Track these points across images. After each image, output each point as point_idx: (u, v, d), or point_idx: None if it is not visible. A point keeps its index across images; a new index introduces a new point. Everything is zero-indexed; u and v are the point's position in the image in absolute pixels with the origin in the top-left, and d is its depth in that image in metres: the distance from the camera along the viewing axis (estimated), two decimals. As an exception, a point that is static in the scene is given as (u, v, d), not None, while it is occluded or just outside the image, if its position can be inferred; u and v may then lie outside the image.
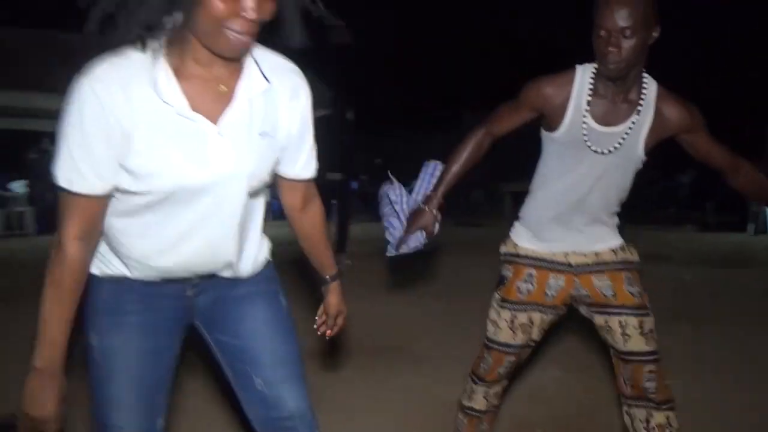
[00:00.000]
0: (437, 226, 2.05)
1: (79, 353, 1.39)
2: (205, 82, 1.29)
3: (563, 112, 1.93)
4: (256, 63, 1.35)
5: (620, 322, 2.00)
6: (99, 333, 1.41)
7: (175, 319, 1.48)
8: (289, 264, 2.03)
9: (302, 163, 1.52)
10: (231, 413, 2.68)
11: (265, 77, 1.35)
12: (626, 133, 1.90)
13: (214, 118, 1.30)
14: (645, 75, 1.92)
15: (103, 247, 1.42)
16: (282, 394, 1.49)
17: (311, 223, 1.64)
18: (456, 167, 2.08)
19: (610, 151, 1.92)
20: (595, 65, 1.88)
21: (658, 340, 2.02)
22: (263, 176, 1.42)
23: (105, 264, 1.43)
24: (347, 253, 7.30)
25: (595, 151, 1.93)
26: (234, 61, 1.29)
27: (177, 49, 1.26)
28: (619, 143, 1.91)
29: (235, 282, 1.51)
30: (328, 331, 1.72)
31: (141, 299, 1.43)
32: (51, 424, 1.30)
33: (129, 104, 1.22)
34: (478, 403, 2.23)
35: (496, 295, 2.13)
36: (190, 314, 1.51)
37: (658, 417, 1.99)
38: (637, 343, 1.99)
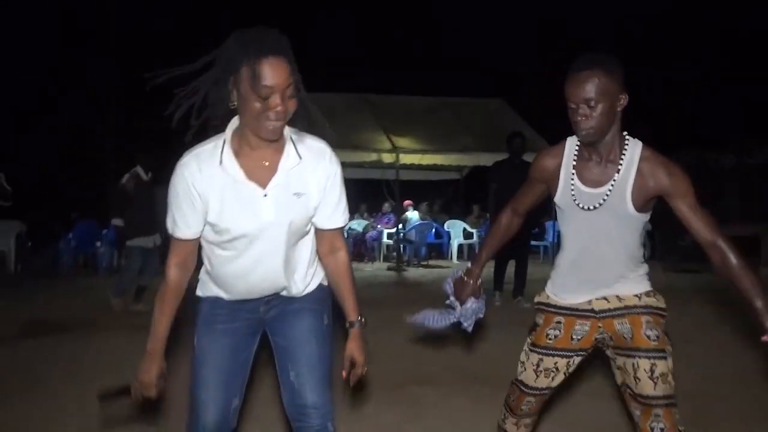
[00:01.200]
0: (482, 295, 2.38)
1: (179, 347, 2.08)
2: (256, 160, 1.87)
3: (557, 178, 2.18)
4: (293, 143, 1.90)
5: (633, 365, 2.09)
6: (198, 335, 2.00)
7: (250, 327, 2.04)
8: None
9: (326, 215, 1.99)
10: None
11: (298, 154, 1.89)
12: (608, 192, 2.07)
13: (263, 184, 1.87)
14: (627, 137, 2.11)
15: (204, 276, 2.06)
16: (305, 386, 1.96)
17: (334, 268, 2.06)
18: (491, 246, 2.42)
19: (595, 207, 2.09)
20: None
21: (675, 386, 2.07)
22: (299, 225, 1.95)
23: (205, 288, 2.06)
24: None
25: (583, 209, 2.11)
26: (274, 142, 1.85)
27: (236, 136, 1.87)
28: (603, 200, 2.08)
29: (292, 299, 2.04)
30: (350, 376, 2.04)
31: (227, 313, 2.01)
32: (152, 389, 1.94)
33: (204, 179, 1.84)
34: (510, 428, 2.40)
35: (528, 340, 2.31)
36: (262, 324, 2.07)
37: None
38: (646, 387, 2.06)
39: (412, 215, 13.83)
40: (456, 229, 14.12)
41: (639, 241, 2.19)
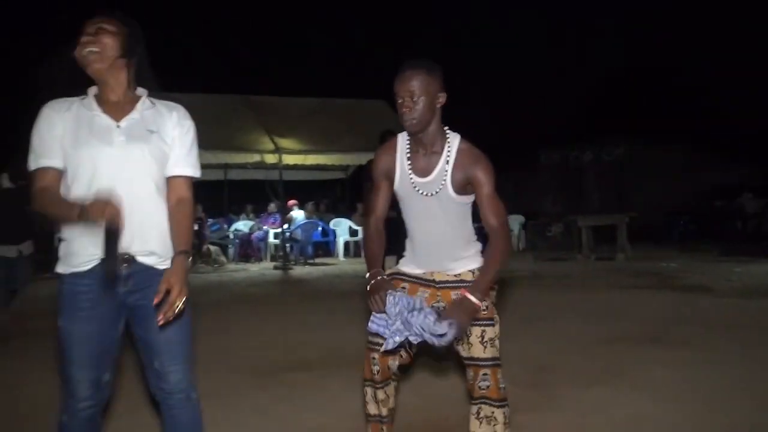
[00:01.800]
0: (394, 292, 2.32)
1: None
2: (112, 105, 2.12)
3: (395, 170, 2.49)
4: (149, 99, 2.16)
5: (467, 331, 2.34)
6: (63, 318, 2.07)
7: (113, 312, 2.13)
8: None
9: (176, 162, 2.16)
10: None
11: (152, 102, 2.16)
12: (438, 181, 2.40)
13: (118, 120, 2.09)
14: (448, 132, 2.46)
15: (61, 247, 2.10)
16: (170, 374, 2.11)
17: (176, 212, 2.13)
18: (374, 250, 2.50)
19: (433, 194, 2.41)
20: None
21: (500, 349, 2.39)
22: (154, 161, 2.12)
23: (64, 261, 2.10)
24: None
25: (420, 192, 2.43)
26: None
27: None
28: (437, 190, 2.41)
29: (149, 284, 2.11)
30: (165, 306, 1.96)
31: (90, 297, 2.08)
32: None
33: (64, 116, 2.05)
34: (370, 408, 2.52)
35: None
36: (124, 309, 2.15)
37: (486, 409, 2.37)
38: (477, 350, 2.37)
39: (297, 215, 14.01)
40: (342, 227, 14.45)
41: (469, 222, 2.51)
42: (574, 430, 3.22)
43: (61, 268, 2.09)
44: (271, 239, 14.08)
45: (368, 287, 2.39)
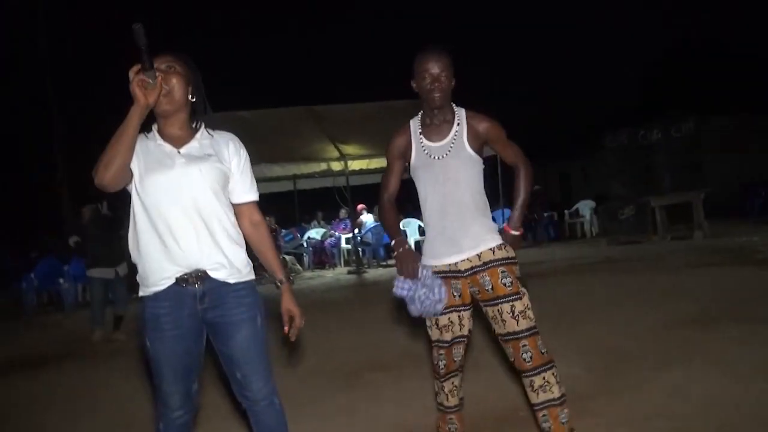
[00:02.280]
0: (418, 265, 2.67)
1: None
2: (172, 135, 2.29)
3: (410, 147, 2.74)
4: (206, 130, 2.34)
5: (498, 310, 2.58)
6: (149, 339, 2.24)
7: (193, 329, 2.28)
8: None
9: (242, 190, 2.33)
10: None
11: (210, 133, 2.33)
12: (452, 141, 2.65)
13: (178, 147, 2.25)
14: (454, 105, 2.74)
15: (139, 270, 2.27)
16: (252, 383, 2.27)
17: (257, 239, 2.36)
18: (393, 221, 2.86)
19: (446, 155, 2.65)
20: (420, 115, 2.75)
21: (532, 318, 2.57)
22: (212, 182, 2.25)
23: (142, 284, 2.26)
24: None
25: (436, 158, 2.66)
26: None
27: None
28: (450, 148, 2.65)
29: (223, 301, 2.28)
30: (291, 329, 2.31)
31: (171, 317, 2.24)
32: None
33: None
34: (441, 399, 2.78)
35: None
36: (203, 325, 2.32)
37: (537, 380, 2.57)
38: (511, 325, 2.57)
39: (367, 219, 14.27)
40: (411, 227, 14.58)
41: (482, 190, 2.72)
42: (653, 413, 3.24)
43: (141, 291, 2.24)
44: (343, 245, 14.39)
45: (395, 254, 2.71)
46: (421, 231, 14.57)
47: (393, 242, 2.76)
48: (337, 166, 12.64)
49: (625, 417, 3.21)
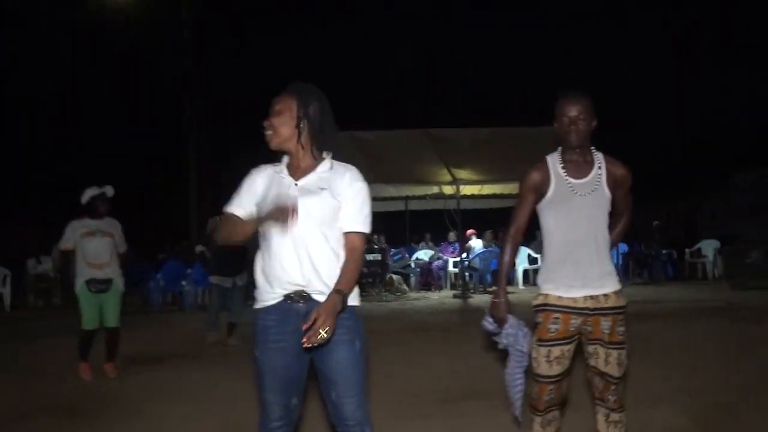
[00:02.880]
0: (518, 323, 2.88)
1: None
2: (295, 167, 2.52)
3: (548, 182, 2.84)
4: (330, 162, 2.52)
5: (606, 353, 2.77)
6: (257, 348, 2.45)
7: (297, 345, 2.32)
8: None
9: (350, 218, 2.45)
10: None
11: (331, 166, 2.50)
12: (595, 181, 2.81)
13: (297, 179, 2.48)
14: (593, 149, 2.89)
15: (258, 278, 2.50)
16: (345, 406, 2.37)
17: (349, 256, 2.45)
18: (509, 263, 2.96)
19: (589, 193, 2.79)
20: (559, 152, 2.88)
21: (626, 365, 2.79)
22: (321, 214, 2.44)
23: (259, 294, 2.50)
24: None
25: (581, 195, 2.79)
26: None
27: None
28: (593, 188, 2.79)
29: None
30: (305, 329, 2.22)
31: (277, 330, 2.43)
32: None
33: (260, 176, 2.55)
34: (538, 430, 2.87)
35: (534, 337, 2.84)
36: None
37: (614, 415, 2.81)
38: (614, 370, 2.77)
39: (476, 244, 14.24)
40: (521, 256, 14.40)
41: (607, 229, 2.86)
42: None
43: (256, 304, 2.48)
44: (450, 268, 14.43)
45: (494, 299, 2.91)
46: (530, 260, 14.45)
47: (497, 287, 2.95)
48: (449, 189, 12.75)
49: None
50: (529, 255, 14.25)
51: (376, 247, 13.84)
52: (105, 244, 5.73)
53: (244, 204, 2.50)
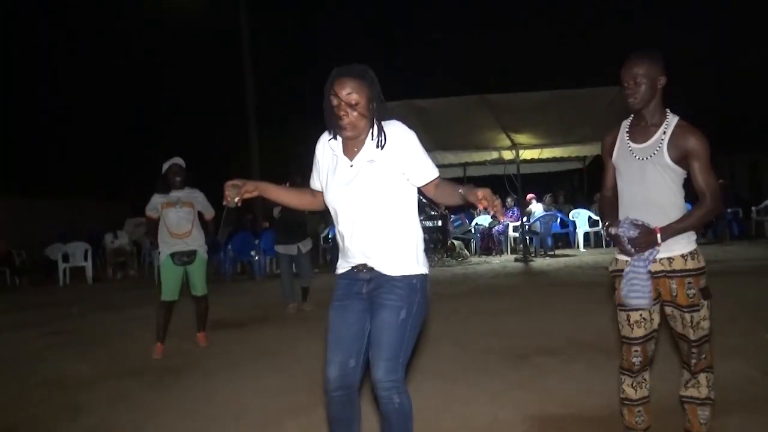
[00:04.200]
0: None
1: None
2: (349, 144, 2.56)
3: (614, 145, 2.92)
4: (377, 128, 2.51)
5: (680, 315, 2.76)
6: (329, 310, 2.59)
7: (360, 304, 2.56)
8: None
9: (419, 173, 2.54)
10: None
11: (381, 134, 2.49)
12: (655, 146, 2.74)
13: (351, 158, 2.54)
14: (668, 111, 2.79)
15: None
16: (377, 364, 2.41)
17: (441, 190, 2.57)
18: (607, 210, 2.99)
19: (647, 158, 2.75)
20: (632, 116, 2.86)
21: (706, 328, 2.74)
22: (377, 187, 2.52)
23: (337, 264, 2.67)
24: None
25: (638, 159, 2.78)
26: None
27: None
28: (652, 153, 2.74)
29: (382, 286, 2.54)
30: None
31: (343, 291, 2.61)
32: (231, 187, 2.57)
33: (322, 150, 2.65)
34: (628, 393, 2.89)
35: (616, 302, 2.88)
36: (369, 304, 2.56)
37: (695, 379, 2.80)
38: (687, 332, 2.76)
39: (536, 208, 14.28)
40: (581, 218, 14.39)
41: (680, 196, 2.77)
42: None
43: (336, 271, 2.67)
44: (510, 232, 14.54)
45: (606, 233, 2.88)
46: (591, 222, 14.43)
47: (607, 223, 2.88)
48: (508, 155, 12.79)
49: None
50: (590, 217, 14.23)
51: (434, 213, 14.06)
52: (185, 214, 5.75)
53: (317, 181, 2.70)
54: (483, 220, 15.17)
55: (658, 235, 2.67)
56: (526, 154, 12.85)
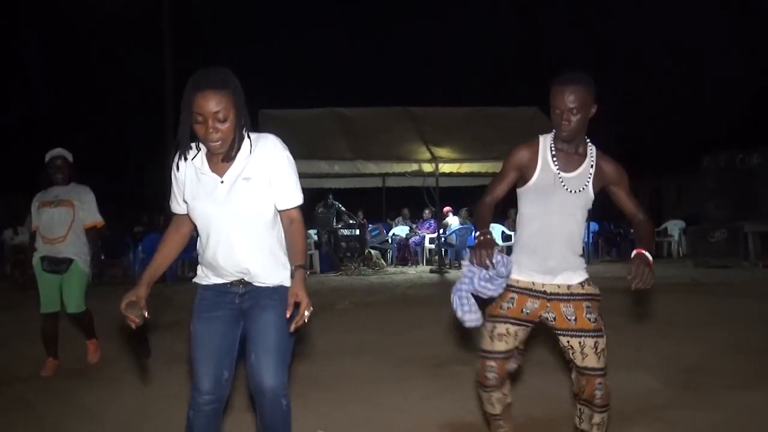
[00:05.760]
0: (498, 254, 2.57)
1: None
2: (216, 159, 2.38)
3: (534, 166, 2.68)
4: (249, 140, 2.38)
5: (580, 343, 2.60)
6: (192, 322, 2.47)
7: (231, 316, 2.48)
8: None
9: (282, 196, 2.41)
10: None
11: (250, 148, 2.37)
12: (584, 178, 2.63)
13: (221, 175, 2.37)
14: (588, 140, 2.68)
15: (199, 264, 2.53)
16: (261, 368, 2.33)
17: (288, 231, 2.44)
18: (485, 216, 2.74)
19: (577, 191, 2.63)
20: (553, 135, 2.68)
21: (608, 358, 2.63)
22: (250, 206, 2.39)
23: (198, 274, 2.55)
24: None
25: (566, 189, 2.62)
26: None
27: None
28: (583, 185, 2.63)
29: (261, 294, 2.47)
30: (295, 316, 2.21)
31: (210, 303, 2.50)
32: (125, 307, 2.32)
33: (183, 171, 2.41)
34: (489, 407, 2.82)
35: (486, 312, 2.73)
36: (241, 315, 2.49)
37: (597, 417, 2.64)
38: (592, 361, 2.58)
39: (453, 221, 14.56)
40: (495, 233, 14.77)
41: (583, 228, 2.72)
42: (722, 427, 3.44)
43: (196, 279, 2.55)
44: (427, 244, 14.75)
45: (476, 242, 2.60)
46: (504, 237, 14.85)
47: (479, 232, 2.67)
48: (428, 167, 12.99)
49: (696, 428, 3.43)
50: (503, 232, 14.64)
51: (353, 222, 14.10)
52: (61, 215, 4.81)
53: (180, 203, 2.49)
54: (400, 230, 15.33)
55: (647, 254, 2.51)
56: (445, 168, 13.08)
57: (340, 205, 14.39)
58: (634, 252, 2.54)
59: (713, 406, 3.78)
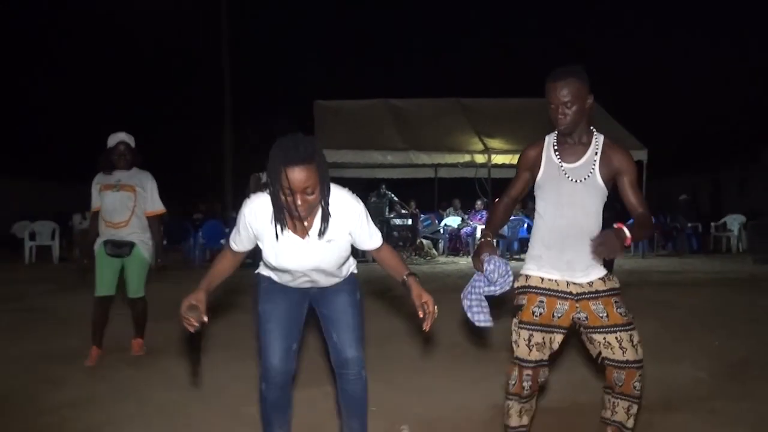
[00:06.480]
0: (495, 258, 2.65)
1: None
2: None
3: (539, 163, 2.73)
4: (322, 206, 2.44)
5: (617, 338, 2.59)
6: (260, 302, 2.69)
7: (299, 296, 2.72)
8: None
9: (365, 241, 2.60)
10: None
11: (328, 212, 2.44)
12: (587, 167, 2.63)
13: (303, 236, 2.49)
14: (594, 130, 2.69)
15: (262, 265, 2.74)
16: (345, 345, 2.61)
17: (383, 259, 2.66)
18: (497, 219, 2.85)
19: (581, 180, 2.62)
20: (556, 133, 2.71)
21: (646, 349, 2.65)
22: (331, 262, 2.60)
23: (263, 270, 2.76)
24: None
25: (569, 179, 2.63)
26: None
27: None
28: (586, 175, 2.62)
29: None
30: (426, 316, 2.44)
31: (281, 287, 2.74)
32: (186, 310, 2.34)
33: (259, 223, 2.46)
34: (515, 420, 2.74)
35: (515, 319, 2.72)
36: (308, 297, 2.76)
37: (635, 408, 2.64)
38: (631, 354, 2.58)
39: (505, 212, 14.57)
40: (522, 227, 14.72)
41: (599, 225, 2.64)
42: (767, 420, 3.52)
43: (263, 271, 2.74)
44: (478, 235, 14.82)
45: (477, 245, 2.70)
46: (530, 230, 14.66)
47: (481, 234, 2.81)
48: (480, 158, 13.08)
49: (740, 418, 3.51)
50: (529, 225, 14.52)
51: (405, 212, 14.30)
52: (122, 199, 4.80)
53: (245, 246, 2.57)
54: (452, 221, 15.45)
55: (626, 231, 2.43)
56: (498, 159, 13.14)
57: (393, 195, 14.60)
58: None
59: (758, 397, 3.85)
